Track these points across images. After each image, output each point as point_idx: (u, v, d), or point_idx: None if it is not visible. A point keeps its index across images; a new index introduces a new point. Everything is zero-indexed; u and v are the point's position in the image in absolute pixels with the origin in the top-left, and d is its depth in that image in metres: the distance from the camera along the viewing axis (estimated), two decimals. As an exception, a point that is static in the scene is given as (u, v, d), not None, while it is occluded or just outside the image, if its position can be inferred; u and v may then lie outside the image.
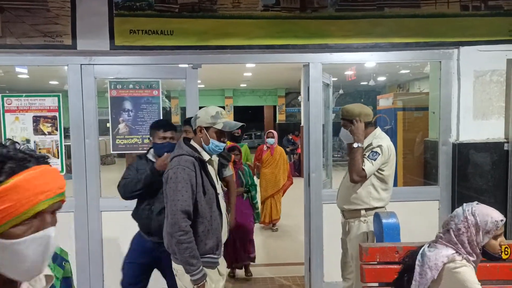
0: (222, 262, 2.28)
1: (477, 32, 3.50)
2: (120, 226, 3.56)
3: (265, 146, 6.04)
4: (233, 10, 3.38)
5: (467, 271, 1.76)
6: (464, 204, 1.88)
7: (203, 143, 2.16)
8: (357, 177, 2.61)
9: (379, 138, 2.75)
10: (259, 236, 5.35)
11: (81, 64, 3.43)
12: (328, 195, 3.65)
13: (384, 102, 5.72)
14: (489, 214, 1.79)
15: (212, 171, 2.24)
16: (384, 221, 2.45)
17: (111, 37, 3.32)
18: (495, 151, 3.55)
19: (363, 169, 2.59)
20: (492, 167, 3.55)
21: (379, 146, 2.64)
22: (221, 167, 3.00)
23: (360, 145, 2.63)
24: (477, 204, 1.84)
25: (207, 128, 2.13)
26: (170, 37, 3.35)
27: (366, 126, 2.74)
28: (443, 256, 1.80)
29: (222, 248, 2.26)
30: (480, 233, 1.78)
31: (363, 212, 2.71)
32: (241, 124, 2.19)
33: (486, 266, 2.29)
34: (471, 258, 1.81)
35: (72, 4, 3.28)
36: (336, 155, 12.53)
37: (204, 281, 2.03)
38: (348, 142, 2.84)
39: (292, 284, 3.93)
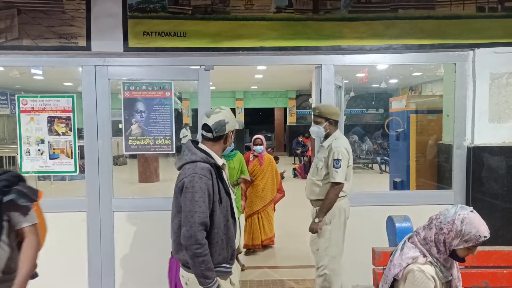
0: (235, 271, 2.20)
1: (493, 33, 3.44)
2: (132, 226, 3.59)
3: (251, 155, 4.99)
4: (245, 12, 3.38)
5: (421, 277, 1.84)
6: (459, 206, 1.89)
7: (228, 145, 2.16)
8: (338, 190, 3.05)
9: (338, 139, 3.13)
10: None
11: (95, 66, 3.47)
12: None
13: (397, 104, 5.66)
14: (477, 227, 1.79)
15: (224, 175, 2.17)
16: (397, 225, 2.42)
17: (125, 38, 3.35)
18: (511, 155, 3.48)
19: (337, 183, 3.02)
20: (507, 171, 3.49)
21: (339, 152, 3.02)
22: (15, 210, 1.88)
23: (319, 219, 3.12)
24: (471, 212, 1.84)
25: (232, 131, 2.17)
26: (183, 39, 3.37)
27: (334, 124, 3.17)
28: (408, 258, 1.90)
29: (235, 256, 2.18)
30: (458, 239, 1.81)
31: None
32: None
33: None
34: (443, 257, 1.87)
35: (87, 6, 3.32)
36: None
37: None
38: (317, 137, 3.31)
39: (303, 287, 3.91)
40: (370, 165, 12.61)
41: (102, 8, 3.33)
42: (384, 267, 2.20)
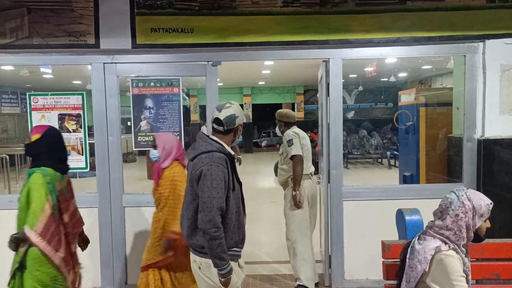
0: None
1: (503, 24, 3.39)
2: (142, 221, 3.63)
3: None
4: (252, 7, 3.38)
5: (452, 262, 1.83)
6: (455, 189, 1.93)
7: (237, 137, 2.27)
8: (300, 162, 3.57)
9: (290, 129, 3.73)
10: (273, 231, 5.35)
11: (104, 63, 3.50)
12: (349, 191, 3.62)
13: (406, 98, 5.62)
14: (482, 198, 1.86)
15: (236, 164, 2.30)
16: (407, 218, 2.41)
17: (133, 35, 3.38)
18: (522, 147, 3.44)
19: (294, 155, 3.54)
20: (519, 164, 3.45)
21: (288, 134, 3.65)
22: None
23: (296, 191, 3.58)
24: (467, 188, 1.90)
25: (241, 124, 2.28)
26: (190, 35, 3.38)
27: (286, 125, 3.78)
28: (431, 249, 1.87)
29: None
30: (476, 217, 1.84)
31: (289, 180, 3.68)
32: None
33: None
34: (462, 242, 1.87)
35: (95, 4, 3.35)
36: (356, 153, 12.39)
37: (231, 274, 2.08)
38: (280, 135, 3.90)
39: (312, 281, 3.91)
40: (379, 160, 12.53)
41: (110, 6, 3.36)
42: (393, 260, 2.21)
